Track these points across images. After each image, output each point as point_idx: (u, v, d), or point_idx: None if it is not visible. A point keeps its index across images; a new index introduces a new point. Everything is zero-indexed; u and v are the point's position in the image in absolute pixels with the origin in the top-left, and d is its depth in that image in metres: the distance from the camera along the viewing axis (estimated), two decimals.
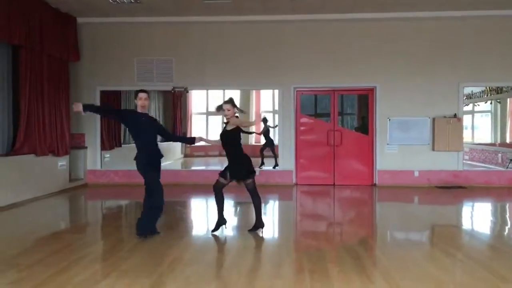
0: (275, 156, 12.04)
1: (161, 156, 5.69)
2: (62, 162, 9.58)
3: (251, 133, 15.16)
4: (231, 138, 5.74)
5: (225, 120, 5.88)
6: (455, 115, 10.04)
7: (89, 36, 10.50)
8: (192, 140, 6.13)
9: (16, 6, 7.94)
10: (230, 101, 5.81)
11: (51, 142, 9.16)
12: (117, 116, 6.16)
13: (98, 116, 10.25)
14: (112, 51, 10.48)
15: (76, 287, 3.82)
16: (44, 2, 8.84)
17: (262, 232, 5.83)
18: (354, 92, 10.71)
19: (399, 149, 10.22)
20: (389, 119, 10.19)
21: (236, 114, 5.81)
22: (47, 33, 8.92)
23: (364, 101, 10.71)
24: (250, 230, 5.87)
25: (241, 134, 5.82)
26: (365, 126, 10.70)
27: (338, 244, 5.58)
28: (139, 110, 5.63)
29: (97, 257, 4.77)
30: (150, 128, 5.63)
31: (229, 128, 5.73)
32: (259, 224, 5.87)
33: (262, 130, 13.08)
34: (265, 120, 13.12)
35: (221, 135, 5.83)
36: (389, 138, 10.21)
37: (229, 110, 5.73)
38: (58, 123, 9.43)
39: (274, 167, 11.54)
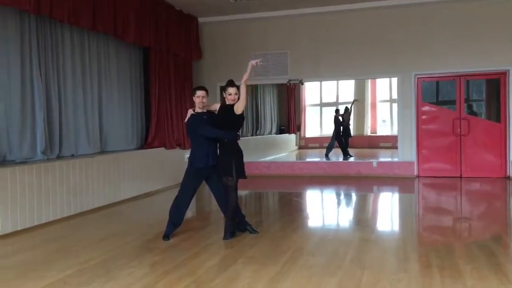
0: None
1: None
2: (188, 155, 10.21)
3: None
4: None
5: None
6: None
7: (209, 34, 11.02)
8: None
9: (146, 10, 8.61)
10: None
11: (178, 136, 9.82)
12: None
13: None
14: (230, 47, 10.87)
15: (207, 271, 4.07)
16: (170, 4, 9.47)
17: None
18: (483, 76, 9.86)
19: None
20: None
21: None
22: (173, 34, 9.55)
23: (490, 87, 9.83)
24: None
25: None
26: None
27: (468, 240, 5.21)
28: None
29: (223, 244, 5.00)
30: None
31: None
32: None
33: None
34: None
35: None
36: None
37: (236, 94, 5.01)
38: (184, 118, 10.07)
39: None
